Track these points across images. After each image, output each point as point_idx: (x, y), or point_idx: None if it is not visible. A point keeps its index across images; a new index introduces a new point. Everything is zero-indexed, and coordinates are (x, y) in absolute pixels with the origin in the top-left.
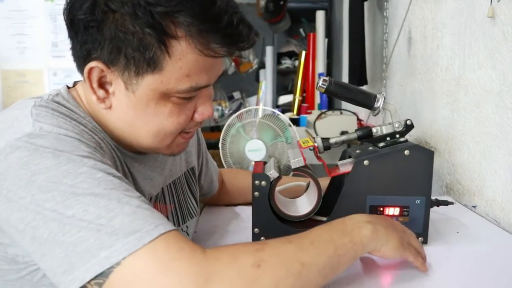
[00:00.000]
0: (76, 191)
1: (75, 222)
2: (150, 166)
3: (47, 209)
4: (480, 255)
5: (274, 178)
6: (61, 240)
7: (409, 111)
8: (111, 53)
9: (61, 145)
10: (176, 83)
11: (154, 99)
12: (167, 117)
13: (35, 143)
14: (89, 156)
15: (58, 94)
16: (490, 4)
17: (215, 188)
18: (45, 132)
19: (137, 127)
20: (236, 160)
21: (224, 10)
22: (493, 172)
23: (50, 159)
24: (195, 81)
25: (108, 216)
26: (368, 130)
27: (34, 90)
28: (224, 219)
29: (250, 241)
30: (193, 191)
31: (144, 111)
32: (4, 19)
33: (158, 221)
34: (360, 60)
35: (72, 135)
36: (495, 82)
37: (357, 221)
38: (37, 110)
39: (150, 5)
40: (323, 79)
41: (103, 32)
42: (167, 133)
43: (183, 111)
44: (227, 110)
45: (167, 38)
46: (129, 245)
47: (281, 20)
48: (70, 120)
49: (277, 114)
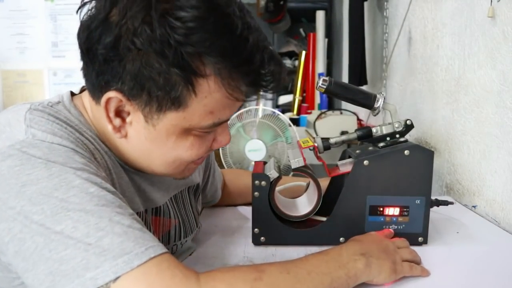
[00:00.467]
0: (66, 206)
1: (62, 239)
2: (150, 179)
3: (35, 223)
4: (480, 255)
5: (274, 178)
6: (47, 256)
7: (409, 111)
8: (132, 89)
9: (54, 156)
10: (199, 120)
11: (175, 133)
12: (187, 150)
13: (28, 152)
14: (83, 169)
15: (59, 102)
16: (490, 4)
17: (219, 196)
18: (38, 141)
19: (152, 156)
20: (236, 160)
21: (256, 48)
22: (493, 172)
23: (42, 170)
24: (218, 117)
25: (97, 235)
26: (368, 130)
27: (34, 90)
28: (224, 219)
29: (250, 241)
30: (194, 206)
31: (163, 144)
32: (4, 19)
33: (149, 243)
34: (360, 60)
35: (66, 144)
36: (495, 82)
37: (353, 253)
38: (31, 114)
39: (180, 44)
40: (323, 79)
41: (125, 66)
42: (183, 163)
43: (204, 143)
44: None
45: (195, 77)
46: (117, 267)
47: (281, 20)
48: (66, 126)
49: (277, 114)
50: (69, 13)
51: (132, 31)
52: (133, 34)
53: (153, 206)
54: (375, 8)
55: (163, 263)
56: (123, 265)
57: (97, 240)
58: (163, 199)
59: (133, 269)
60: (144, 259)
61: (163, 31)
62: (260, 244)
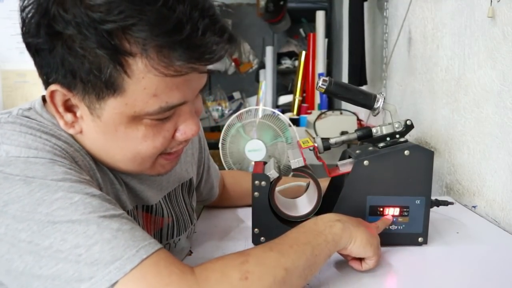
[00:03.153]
0: (52, 219)
1: (52, 253)
2: (139, 178)
3: (23, 241)
4: (480, 255)
5: (274, 178)
6: (38, 274)
7: (409, 111)
8: (65, 77)
9: (31, 171)
10: (143, 105)
11: (123, 123)
12: (141, 142)
13: (4, 171)
14: (64, 179)
15: (30, 108)
16: (490, 4)
17: (215, 194)
18: (13, 157)
19: (111, 152)
20: (236, 160)
21: (187, 17)
22: (493, 172)
23: (21, 187)
24: (165, 101)
25: (86, 244)
26: (368, 130)
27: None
28: (224, 219)
29: (250, 241)
30: (189, 202)
31: (114, 136)
32: (4, 19)
33: (140, 243)
34: (360, 60)
35: (43, 155)
36: (495, 82)
37: (328, 220)
38: (2, 129)
39: (96, 22)
40: (323, 79)
41: (54, 55)
42: (144, 157)
43: (160, 133)
44: (227, 110)
45: (122, 57)
46: (110, 275)
47: (281, 20)
48: (40, 134)
49: (277, 114)
50: None
51: (49, 16)
52: (50, 18)
53: (144, 203)
54: (375, 8)
55: (159, 261)
56: (116, 271)
57: (87, 250)
58: (156, 197)
59: (127, 273)
60: (137, 261)
61: (77, 11)
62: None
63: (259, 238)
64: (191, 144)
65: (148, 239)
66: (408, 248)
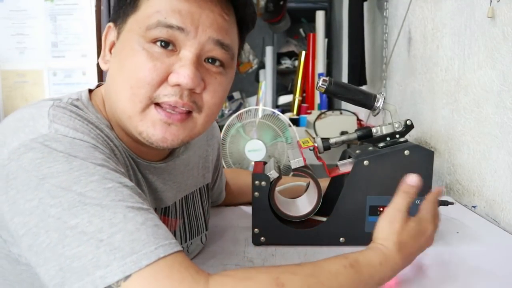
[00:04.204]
0: (84, 200)
1: (76, 234)
2: (163, 178)
3: (52, 216)
4: (480, 255)
5: (274, 178)
6: (60, 253)
7: (409, 111)
8: (115, 11)
9: (75, 150)
10: (146, 19)
11: (130, 42)
12: (142, 65)
13: (50, 146)
14: (102, 164)
15: (78, 99)
16: (490, 4)
17: (223, 198)
18: (61, 135)
19: (118, 86)
20: (236, 160)
21: None
22: (493, 172)
23: (63, 164)
24: (164, 16)
25: (110, 231)
26: (368, 130)
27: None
28: (224, 219)
29: (250, 241)
30: (205, 207)
31: (119, 56)
32: (4, 19)
33: (161, 241)
34: (360, 60)
35: (88, 139)
36: (495, 82)
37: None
38: (55, 111)
39: None
40: (323, 79)
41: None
42: (139, 85)
43: (158, 59)
44: (227, 110)
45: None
46: (125, 267)
47: (281, 20)
48: (87, 122)
49: (277, 114)
50: (69, 13)
51: None
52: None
53: (163, 205)
54: (375, 8)
55: (174, 264)
56: (131, 264)
57: (109, 237)
58: (174, 199)
59: (141, 268)
60: (153, 258)
61: None
62: (260, 244)
63: (259, 238)
64: (211, 150)
65: (170, 239)
66: None
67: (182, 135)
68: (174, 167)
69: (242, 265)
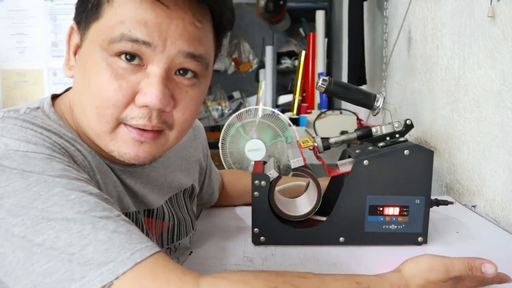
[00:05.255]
0: (47, 216)
1: (45, 250)
2: (141, 182)
3: (16, 235)
4: (480, 255)
5: (274, 178)
6: (30, 270)
7: (409, 111)
8: (77, 12)
9: (29, 165)
10: (109, 30)
11: (93, 55)
12: (105, 84)
13: (1, 164)
14: (62, 175)
15: (38, 107)
16: (490, 4)
17: (216, 198)
18: (12, 151)
19: (84, 102)
20: (236, 160)
21: None
22: (493, 172)
23: (18, 181)
24: (129, 28)
25: (80, 244)
26: (368, 130)
27: (33, 90)
28: (223, 219)
29: (250, 241)
30: (190, 208)
31: (84, 69)
32: (4, 19)
33: (136, 246)
34: (360, 60)
35: (42, 150)
36: (495, 82)
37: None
38: (3, 123)
39: None
40: (322, 78)
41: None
42: (107, 107)
43: (123, 78)
44: (226, 110)
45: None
46: (102, 276)
47: (281, 20)
48: (41, 130)
49: (277, 114)
50: (69, 13)
51: None
52: None
53: (147, 208)
54: (374, 8)
55: (157, 267)
56: (108, 273)
57: (81, 249)
58: (159, 201)
59: (120, 276)
60: (130, 265)
61: None
62: (260, 244)
63: (259, 238)
64: (194, 151)
65: (145, 242)
66: (408, 248)
67: (154, 152)
68: (152, 170)
69: (241, 265)
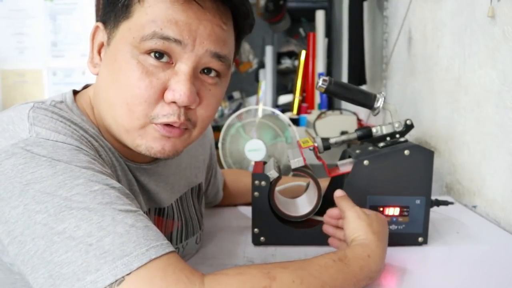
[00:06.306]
0: (70, 204)
1: (64, 240)
2: (154, 180)
3: (38, 223)
4: (480, 255)
5: (274, 178)
6: (48, 260)
7: (409, 111)
8: (104, 11)
9: (58, 154)
10: (140, 29)
11: (123, 53)
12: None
13: (32, 151)
14: (87, 167)
15: (62, 101)
16: (490, 4)
17: (220, 198)
18: (42, 139)
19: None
20: (236, 160)
21: None
22: (493, 172)
23: (46, 168)
24: (160, 27)
25: (99, 235)
26: (368, 130)
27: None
28: (223, 219)
29: (250, 241)
30: (198, 208)
31: (112, 66)
32: (4, 18)
33: (152, 243)
34: (360, 60)
35: (71, 141)
36: (496, 82)
37: (360, 258)
38: (35, 113)
39: None
40: (323, 78)
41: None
42: (136, 102)
43: (153, 76)
44: (226, 110)
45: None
46: (116, 270)
47: (281, 20)
48: (70, 123)
49: (277, 114)
50: (69, 13)
51: None
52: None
53: (158, 206)
54: (375, 8)
55: (168, 266)
56: (123, 267)
57: (98, 240)
58: (169, 200)
59: (133, 271)
60: (145, 260)
61: None
62: (260, 244)
63: (259, 238)
64: (202, 150)
65: (161, 240)
66: (408, 248)
67: (179, 147)
68: (165, 168)
69: (241, 265)
